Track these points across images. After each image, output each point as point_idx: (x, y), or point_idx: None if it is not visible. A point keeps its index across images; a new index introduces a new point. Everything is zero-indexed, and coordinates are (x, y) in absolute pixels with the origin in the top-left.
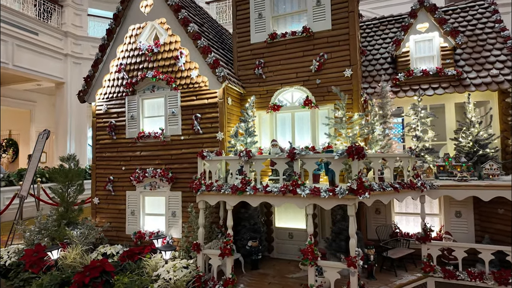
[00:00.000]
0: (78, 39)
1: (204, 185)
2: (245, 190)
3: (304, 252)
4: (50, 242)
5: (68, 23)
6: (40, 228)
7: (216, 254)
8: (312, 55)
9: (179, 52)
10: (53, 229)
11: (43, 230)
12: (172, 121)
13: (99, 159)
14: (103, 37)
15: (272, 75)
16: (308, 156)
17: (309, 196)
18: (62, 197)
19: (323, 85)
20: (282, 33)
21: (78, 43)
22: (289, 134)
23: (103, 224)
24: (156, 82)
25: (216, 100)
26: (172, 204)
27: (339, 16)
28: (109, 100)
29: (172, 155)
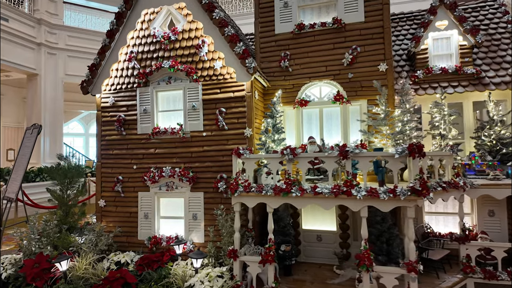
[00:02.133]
0: (53, 28)
1: (242, 185)
2: (290, 191)
3: (360, 258)
4: (54, 251)
5: (42, 9)
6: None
7: (255, 261)
8: (344, 48)
9: (201, 40)
10: (54, 236)
11: (43, 237)
12: (192, 116)
13: (105, 157)
14: (112, 22)
15: (299, 68)
16: (362, 154)
17: (366, 197)
18: (61, 199)
19: (355, 80)
20: (310, 24)
21: (53, 32)
22: (316, 131)
23: (112, 229)
24: (174, 73)
25: (244, 94)
26: (192, 206)
27: (372, 8)
28: (117, 92)
29: (193, 153)
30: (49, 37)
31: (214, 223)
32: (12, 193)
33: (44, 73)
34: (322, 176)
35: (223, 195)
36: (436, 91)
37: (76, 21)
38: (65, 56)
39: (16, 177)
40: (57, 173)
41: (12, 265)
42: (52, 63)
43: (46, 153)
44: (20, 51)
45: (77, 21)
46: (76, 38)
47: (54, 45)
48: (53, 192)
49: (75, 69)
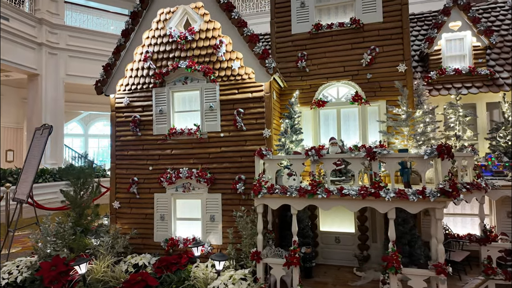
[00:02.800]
0: (54, 28)
1: (265, 187)
2: (316, 193)
3: (388, 260)
4: (70, 254)
5: (43, 9)
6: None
7: (280, 264)
8: (362, 48)
9: (219, 40)
10: (70, 238)
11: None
12: (210, 117)
13: (120, 158)
14: (127, 21)
15: (316, 69)
16: (389, 155)
17: (394, 199)
18: (74, 200)
19: (374, 80)
20: (327, 24)
21: (54, 32)
22: (333, 132)
23: (126, 231)
24: (191, 73)
25: (262, 94)
26: (210, 207)
27: (391, 8)
28: (131, 92)
29: (210, 154)
30: (50, 37)
31: (232, 224)
32: (23, 195)
33: (45, 73)
34: (344, 178)
35: (241, 197)
36: (450, 92)
37: (77, 21)
38: (66, 56)
39: (26, 178)
40: (71, 174)
41: (27, 268)
42: (53, 63)
43: (47, 154)
44: (20, 51)
45: (78, 21)
46: (77, 38)
47: (55, 45)
48: (67, 193)
49: (76, 69)
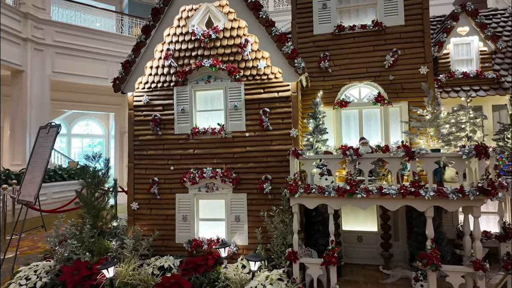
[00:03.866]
0: (40, 23)
1: (302, 186)
2: (355, 192)
3: (428, 257)
4: (93, 257)
5: (28, 3)
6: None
7: (317, 263)
8: (384, 50)
9: (244, 39)
10: (89, 241)
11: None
12: (234, 116)
13: (139, 157)
14: (148, 17)
15: (338, 69)
16: (428, 155)
17: (434, 197)
18: (89, 202)
19: (396, 82)
20: (350, 26)
21: (39, 27)
22: (354, 132)
23: (146, 232)
24: (215, 72)
25: (289, 94)
26: (235, 207)
27: (412, 12)
28: (151, 91)
29: (235, 154)
30: (35, 32)
31: (259, 224)
32: (29, 196)
33: (30, 69)
34: (374, 177)
35: (267, 197)
36: (459, 94)
37: (64, 16)
38: (53, 53)
39: (32, 179)
40: (85, 174)
41: (46, 272)
42: (39, 59)
43: None
44: (4, 46)
45: (65, 17)
46: (64, 34)
47: (41, 41)
48: (81, 194)
49: (63, 66)
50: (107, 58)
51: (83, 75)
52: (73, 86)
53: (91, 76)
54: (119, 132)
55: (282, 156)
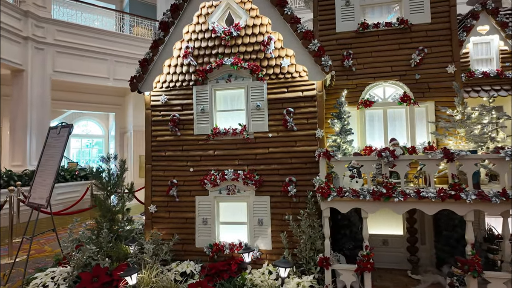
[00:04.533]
0: (41, 21)
1: (335, 190)
2: (392, 195)
3: (469, 263)
4: (113, 263)
5: (29, 1)
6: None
7: (351, 269)
8: (410, 49)
9: (267, 37)
10: (107, 246)
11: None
12: (256, 116)
13: (156, 159)
14: (167, 14)
15: (362, 68)
16: (468, 157)
17: (475, 201)
18: (105, 205)
19: (422, 81)
20: (374, 23)
21: (40, 26)
22: (378, 133)
23: (164, 236)
24: (236, 71)
25: (315, 93)
26: (257, 210)
27: (439, 9)
28: (169, 90)
29: (257, 155)
30: (36, 30)
31: (283, 228)
32: (41, 199)
33: (31, 68)
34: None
35: (292, 199)
36: (479, 94)
37: (65, 15)
38: (54, 52)
39: (43, 181)
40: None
41: (64, 279)
42: (39, 58)
43: (33, 154)
44: (4, 44)
45: (66, 16)
46: (65, 33)
47: (42, 40)
48: (97, 197)
49: (64, 65)
50: (109, 57)
51: (84, 74)
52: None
53: (92, 75)
54: (119, 133)
55: (307, 157)
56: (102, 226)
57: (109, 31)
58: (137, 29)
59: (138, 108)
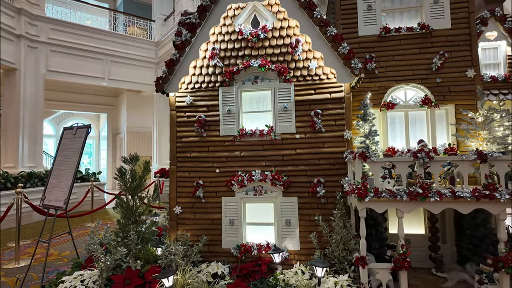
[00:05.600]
0: (34, 19)
1: (371, 190)
2: (428, 195)
3: (504, 260)
4: (146, 265)
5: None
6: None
7: (386, 268)
8: (430, 53)
9: (295, 39)
10: (135, 248)
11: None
12: (283, 118)
13: (181, 160)
14: (194, 15)
15: (384, 71)
16: (501, 158)
17: (509, 200)
18: (128, 207)
19: (443, 84)
20: (395, 28)
21: (34, 24)
22: (399, 135)
23: (189, 238)
24: (264, 72)
25: (343, 95)
26: (285, 211)
27: (459, 16)
28: (195, 91)
29: (284, 156)
30: (29, 29)
31: (310, 229)
32: (58, 201)
33: (24, 67)
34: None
35: (320, 200)
36: (488, 98)
37: (59, 13)
38: (47, 51)
39: (60, 183)
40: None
41: (94, 282)
42: (32, 57)
43: (25, 156)
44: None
45: (60, 14)
46: (59, 32)
47: (35, 38)
48: (120, 199)
49: (57, 64)
50: (104, 57)
51: (78, 74)
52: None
53: (87, 75)
54: (112, 134)
55: (335, 158)
56: (126, 228)
57: (105, 30)
58: (132, 29)
59: (133, 108)
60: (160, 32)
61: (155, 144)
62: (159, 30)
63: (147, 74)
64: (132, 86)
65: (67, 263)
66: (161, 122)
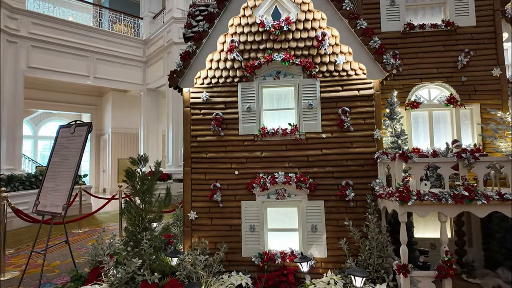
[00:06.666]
0: (14, 12)
1: (414, 193)
2: (474, 198)
3: None
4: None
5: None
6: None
7: (430, 276)
8: (455, 51)
9: (321, 32)
10: (150, 259)
11: None
12: (308, 116)
13: (196, 160)
14: (212, 4)
15: (408, 69)
16: None
17: None
18: (137, 213)
19: (468, 83)
20: (419, 24)
21: (13, 17)
22: (423, 135)
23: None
24: (287, 67)
25: (372, 92)
26: (311, 216)
27: (483, 13)
28: (212, 86)
29: (309, 157)
30: (8, 22)
31: (338, 235)
32: (55, 207)
33: (2, 63)
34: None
35: (348, 204)
36: None
37: (41, 7)
38: (28, 46)
39: (56, 187)
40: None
41: None
42: (12, 52)
43: (3, 158)
44: None
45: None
46: (41, 26)
47: (15, 32)
48: (129, 203)
49: (39, 61)
50: (89, 54)
51: (61, 71)
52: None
53: (71, 73)
54: (95, 135)
55: (364, 159)
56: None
57: (90, 26)
58: (119, 26)
59: (118, 108)
60: (149, 30)
61: (142, 145)
62: (148, 28)
63: (135, 73)
64: (118, 85)
65: (59, 275)
66: (149, 123)
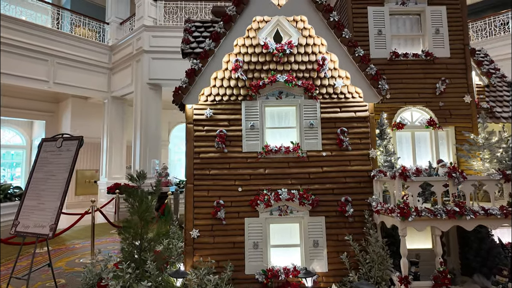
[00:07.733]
0: None
1: (413, 210)
2: (464, 213)
3: None
4: None
5: None
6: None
7: (428, 286)
8: (434, 79)
9: (321, 57)
10: (155, 280)
11: None
12: (309, 135)
13: (199, 177)
14: (219, 24)
15: (394, 93)
16: None
17: None
18: (135, 232)
19: (445, 108)
20: (403, 53)
21: None
22: (406, 154)
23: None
24: (289, 88)
25: (367, 114)
26: (312, 231)
27: (456, 46)
28: (216, 104)
29: (310, 174)
30: None
31: (338, 249)
32: (40, 227)
33: None
34: None
35: (347, 219)
36: None
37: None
38: None
39: (41, 205)
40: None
41: None
42: None
43: None
44: None
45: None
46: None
47: None
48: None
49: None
50: (49, 58)
51: (17, 75)
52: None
53: (27, 77)
54: None
55: (361, 177)
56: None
57: (49, 28)
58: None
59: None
60: (115, 36)
61: (104, 155)
62: (114, 34)
63: (99, 79)
64: (81, 92)
65: None
66: (113, 132)
